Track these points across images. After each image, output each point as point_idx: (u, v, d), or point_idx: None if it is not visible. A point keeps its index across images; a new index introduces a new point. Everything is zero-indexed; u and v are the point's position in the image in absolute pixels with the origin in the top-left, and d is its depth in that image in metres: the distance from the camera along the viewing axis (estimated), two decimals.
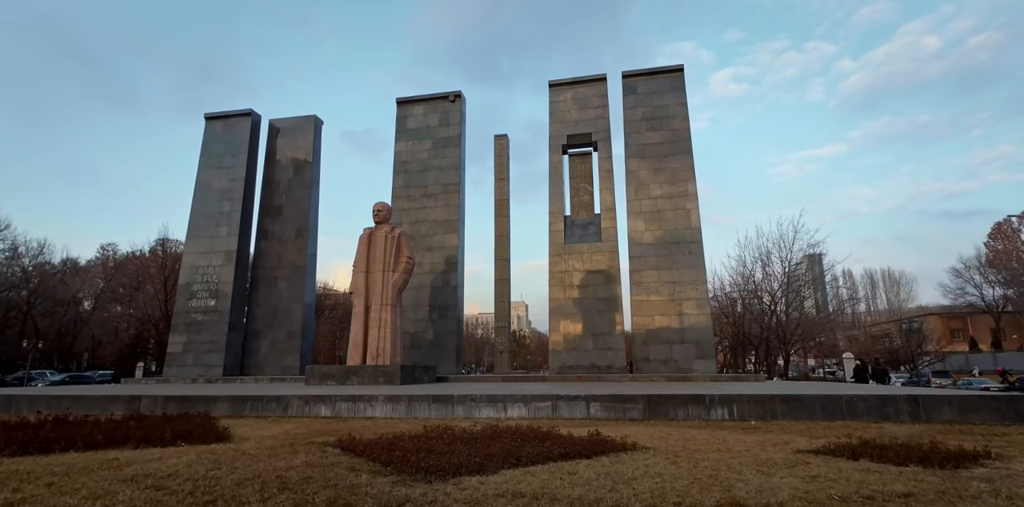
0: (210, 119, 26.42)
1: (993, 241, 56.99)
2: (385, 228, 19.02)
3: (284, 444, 7.08)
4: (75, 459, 6.02)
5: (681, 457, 5.90)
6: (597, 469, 5.26)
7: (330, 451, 6.42)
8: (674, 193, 21.45)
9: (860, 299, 47.37)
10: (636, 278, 20.95)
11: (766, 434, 7.79)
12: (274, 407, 11.65)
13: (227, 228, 24.60)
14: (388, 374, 16.60)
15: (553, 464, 5.54)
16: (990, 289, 54.29)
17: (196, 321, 23.50)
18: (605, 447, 6.34)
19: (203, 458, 6.02)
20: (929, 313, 58.22)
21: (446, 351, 21.95)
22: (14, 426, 7.83)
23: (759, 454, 6.06)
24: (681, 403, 10.27)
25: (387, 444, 6.51)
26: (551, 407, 10.68)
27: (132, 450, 6.70)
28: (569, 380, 19.04)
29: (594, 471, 5.16)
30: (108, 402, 12.44)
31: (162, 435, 7.27)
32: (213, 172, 25.47)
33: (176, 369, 23.11)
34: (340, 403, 11.38)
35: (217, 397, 11.96)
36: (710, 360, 19.78)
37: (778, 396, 10.01)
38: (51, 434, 6.85)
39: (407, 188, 23.97)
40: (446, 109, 24.80)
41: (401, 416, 11.06)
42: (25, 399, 13.14)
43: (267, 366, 23.50)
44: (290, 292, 24.15)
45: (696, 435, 7.69)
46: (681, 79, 22.78)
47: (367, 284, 18.32)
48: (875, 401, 9.65)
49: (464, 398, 11.01)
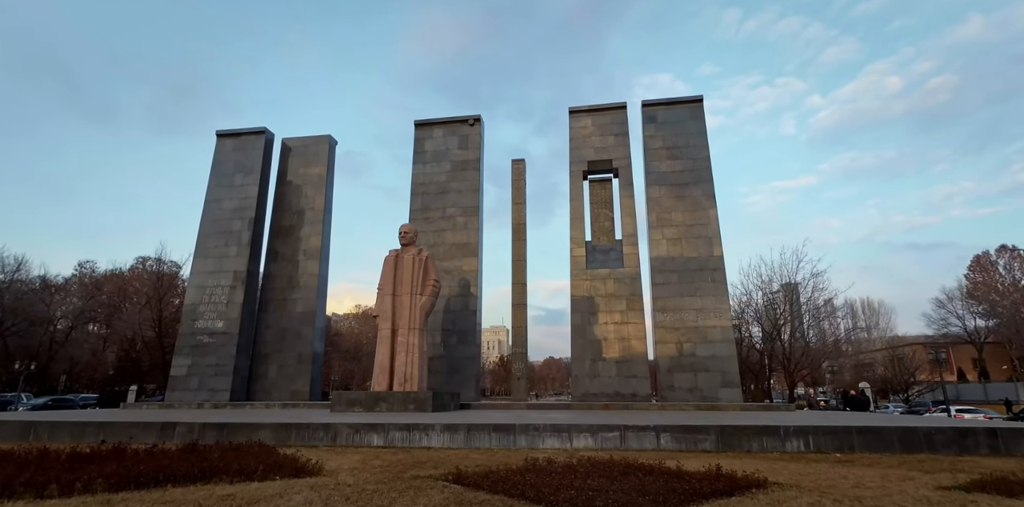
0: (222, 136, 26.01)
1: (973, 273, 58.72)
2: (412, 250, 18.71)
3: (387, 479, 6.65)
4: (186, 496, 5.56)
5: (828, 494, 5.69)
6: None
7: (454, 488, 6.03)
8: (696, 221, 21.63)
9: (864, 328, 47.92)
10: (659, 305, 20.89)
11: (877, 469, 7.60)
12: (322, 436, 11.11)
13: (237, 248, 23.97)
14: (419, 401, 16.07)
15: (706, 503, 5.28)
16: (972, 320, 55.70)
17: (202, 343, 22.61)
18: (737, 483, 6.08)
19: (325, 495, 5.61)
20: (914, 343, 59.30)
21: (465, 377, 21.44)
22: (101, 458, 7.27)
23: (906, 491, 5.88)
24: (754, 434, 10.07)
25: (509, 478, 6.15)
26: (619, 437, 10.38)
27: (231, 485, 6.22)
28: (596, 408, 18.69)
29: None
30: (139, 430, 11.73)
31: (253, 468, 6.79)
32: (224, 190, 24.93)
33: (180, 393, 22.09)
34: (394, 432, 10.90)
35: (260, 425, 11.36)
36: (735, 389, 19.66)
37: (854, 428, 9.88)
38: (142, 467, 6.33)
39: (424, 211, 23.76)
40: (465, 133, 24.85)
41: (460, 446, 10.62)
42: (44, 426, 12.33)
43: (275, 391, 22.63)
44: (300, 315, 23.47)
45: (804, 469, 7.48)
46: (700, 109, 23.25)
47: (394, 307, 17.89)
48: (953, 433, 9.59)
49: (527, 427, 10.64)
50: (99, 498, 5.47)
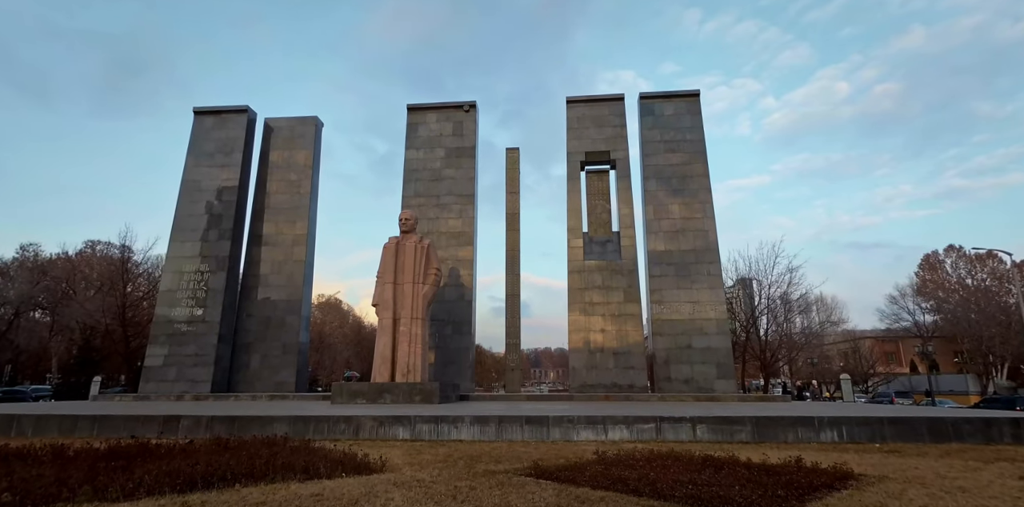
0: (200, 113, 24.56)
1: (923, 271, 61.72)
2: (413, 238, 18.14)
3: (465, 475, 6.27)
4: (267, 496, 5.07)
5: (928, 486, 5.67)
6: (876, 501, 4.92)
7: (545, 484, 5.72)
8: (692, 214, 21.77)
9: (836, 322, 49.72)
10: (656, 297, 20.98)
11: (931, 459, 7.67)
12: (343, 429, 10.60)
13: (217, 231, 22.74)
14: (426, 392, 15.62)
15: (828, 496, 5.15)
16: (921, 316, 58.62)
17: (180, 332, 21.40)
18: (829, 475, 5.98)
19: (421, 494, 5.21)
20: (866, 337, 62.05)
21: (461, 368, 21.05)
22: (132, 455, 6.63)
23: (992, 482, 5.92)
24: (789, 425, 10.14)
25: (608, 473, 5.88)
26: (655, 429, 10.28)
27: (300, 482, 5.74)
28: (596, 400, 18.64)
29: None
30: (139, 423, 10.95)
31: (314, 464, 6.31)
32: (203, 171, 23.58)
33: (155, 384, 20.88)
34: (420, 425, 10.50)
35: (274, 418, 10.75)
36: (731, 380, 19.97)
37: (885, 418, 10.06)
38: (207, 467, 5.77)
39: (418, 197, 23.10)
40: (459, 118, 24.24)
41: (491, 439, 10.32)
42: (29, 419, 11.38)
43: (258, 382, 21.67)
44: (285, 303, 22.51)
45: (869, 460, 7.50)
46: (697, 103, 23.35)
47: (395, 296, 17.32)
48: (980, 424, 9.88)
49: (560, 420, 10.42)
50: (172, 500, 4.93)
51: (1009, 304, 49.06)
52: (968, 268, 60.07)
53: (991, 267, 57.81)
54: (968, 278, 58.39)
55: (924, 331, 58.22)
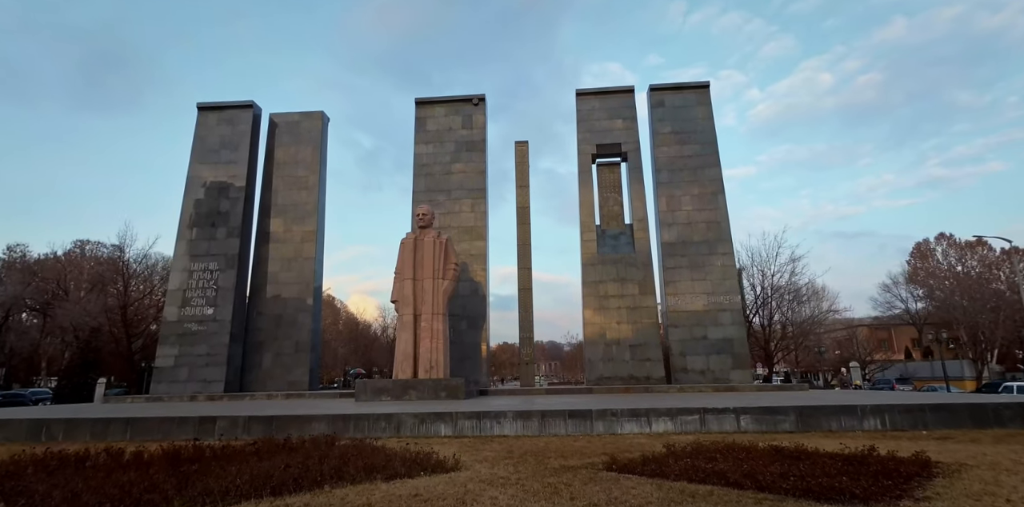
0: (204, 109, 24.10)
1: (914, 259, 62.61)
2: (431, 233, 17.99)
3: (537, 472, 6.19)
4: (362, 498, 4.97)
5: (1019, 474, 5.71)
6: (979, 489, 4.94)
7: (635, 479, 5.67)
8: (704, 205, 21.82)
9: (841, 310, 50.31)
10: (671, 289, 21.03)
11: (986, 446, 7.74)
12: (384, 426, 10.52)
13: (226, 229, 22.40)
14: (451, 388, 15.55)
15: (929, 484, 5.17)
16: (914, 303, 59.52)
17: (191, 331, 21.09)
18: (912, 464, 5.97)
19: (514, 493, 5.15)
20: (860, 324, 62.87)
21: (475, 363, 20.98)
22: (229, 457, 6.54)
23: None
24: (832, 413, 10.21)
25: (698, 466, 5.82)
26: (699, 420, 10.30)
27: (386, 482, 5.66)
28: (616, 392, 18.68)
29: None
30: (173, 425, 10.79)
31: (393, 465, 6.23)
32: (209, 168, 23.18)
33: (167, 385, 20.59)
34: (463, 421, 10.44)
35: (313, 416, 10.64)
36: (746, 370, 20.12)
37: (927, 405, 10.17)
38: (322, 466, 5.72)
39: (429, 192, 22.89)
40: (469, 112, 24.03)
41: (535, 433, 10.28)
42: (58, 424, 11.14)
43: (270, 381, 21.46)
44: (296, 301, 22.27)
45: (934, 447, 7.54)
46: (707, 94, 23.34)
47: (415, 292, 17.18)
48: (1019, 409, 10.01)
49: (603, 413, 10.40)
50: (271, 503, 4.82)
51: (1000, 291, 50.01)
52: (959, 256, 61.02)
53: (980, 254, 58.80)
54: (959, 266, 59.35)
55: (917, 319, 59.18)
